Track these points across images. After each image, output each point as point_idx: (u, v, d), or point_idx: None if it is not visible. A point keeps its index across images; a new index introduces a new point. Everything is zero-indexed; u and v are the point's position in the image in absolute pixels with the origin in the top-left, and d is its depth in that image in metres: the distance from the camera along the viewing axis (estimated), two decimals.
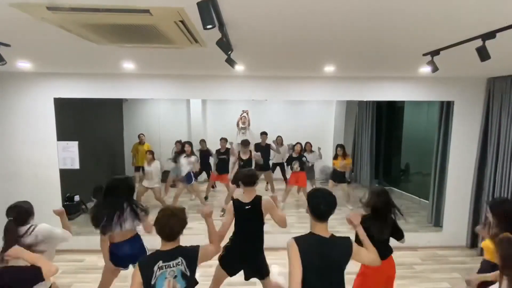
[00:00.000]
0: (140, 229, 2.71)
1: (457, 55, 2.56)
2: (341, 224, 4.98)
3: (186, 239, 1.86)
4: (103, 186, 2.75)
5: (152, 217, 2.10)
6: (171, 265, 1.71)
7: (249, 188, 2.70)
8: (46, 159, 4.15)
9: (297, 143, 5.90)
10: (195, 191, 5.91)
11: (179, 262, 1.73)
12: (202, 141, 6.54)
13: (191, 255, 1.79)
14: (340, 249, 1.76)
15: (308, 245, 1.72)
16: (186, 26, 1.87)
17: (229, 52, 2.25)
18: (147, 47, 2.51)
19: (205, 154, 6.39)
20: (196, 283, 1.81)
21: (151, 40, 2.23)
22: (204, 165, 6.36)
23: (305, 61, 3.12)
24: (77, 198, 5.37)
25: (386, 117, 7.45)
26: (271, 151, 6.33)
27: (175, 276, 1.71)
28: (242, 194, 2.73)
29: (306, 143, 6.06)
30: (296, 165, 5.68)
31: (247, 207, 2.64)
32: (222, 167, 5.87)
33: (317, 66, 3.44)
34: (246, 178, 2.69)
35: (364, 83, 4.27)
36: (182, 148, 5.92)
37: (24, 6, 1.60)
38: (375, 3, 1.55)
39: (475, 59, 2.09)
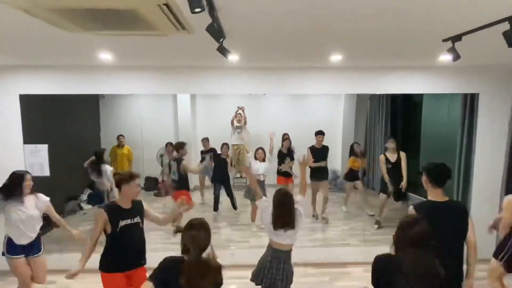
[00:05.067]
0: None
1: (481, 40, 2.58)
2: (351, 236, 5.08)
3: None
4: None
5: None
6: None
7: None
8: (10, 164, 4.09)
9: (286, 138, 6.11)
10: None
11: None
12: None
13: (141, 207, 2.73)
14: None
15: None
16: (171, 9, 1.87)
17: (221, 40, 2.25)
18: (127, 35, 2.51)
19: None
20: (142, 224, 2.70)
21: (131, 27, 2.22)
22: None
23: (309, 49, 3.13)
24: None
25: (402, 113, 7.48)
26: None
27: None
28: None
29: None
30: (287, 161, 5.87)
31: None
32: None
33: (322, 55, 3.46)
34: None
35: (377, 74, 4.29)
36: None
37: None
38: None
39: (501, 45, 2.10)
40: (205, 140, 6.68)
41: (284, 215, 2.65)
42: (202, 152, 6.46)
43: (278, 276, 2.70)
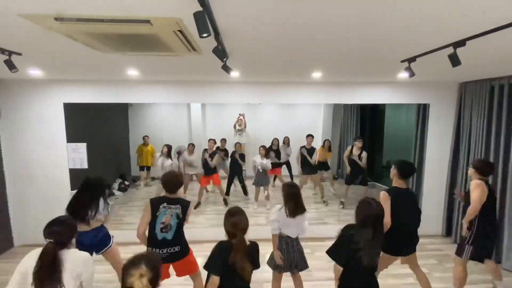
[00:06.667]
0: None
1: (431, 61, 2.59)
2: (328, 216, 5.08)
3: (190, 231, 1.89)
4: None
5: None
6: (172, 208, 2.36)
7: None
8: (56, 160, 4.10)
9: (274, 138, 6.28)
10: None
11: (177, 207, 2.38)
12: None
13: (185, 205, 2.44)
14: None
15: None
16: (184, 35, 1.86)
17: (225, 59, 2.25)
18: (149, 55, 2.50)
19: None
20: (184, 220, 2.42)
21: (152, 49, 2.21)
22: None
23: (295, 67, 3.13)
24: None
25: (369, 119, 7.49)
26: (281, 152, 6.43)
27: (172, 215, 2.36)
28: None
29: (285, 137, 6.58)
30: (273, 155, 6.01)
31: None
32: (211, 168, 5.69)
33: (305, 72, 3.45)
34: None
35: (349, 87, 4.29)
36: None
37: (33, 17, 1.58)
38: (358, 19, 1.56)
39: (447, 65, 2.11)
40: (223, 141, 6.51)
41: (294, 203, 2.50)
42: (205, 151, 6.06)
43: (295, 254, 2.59)
